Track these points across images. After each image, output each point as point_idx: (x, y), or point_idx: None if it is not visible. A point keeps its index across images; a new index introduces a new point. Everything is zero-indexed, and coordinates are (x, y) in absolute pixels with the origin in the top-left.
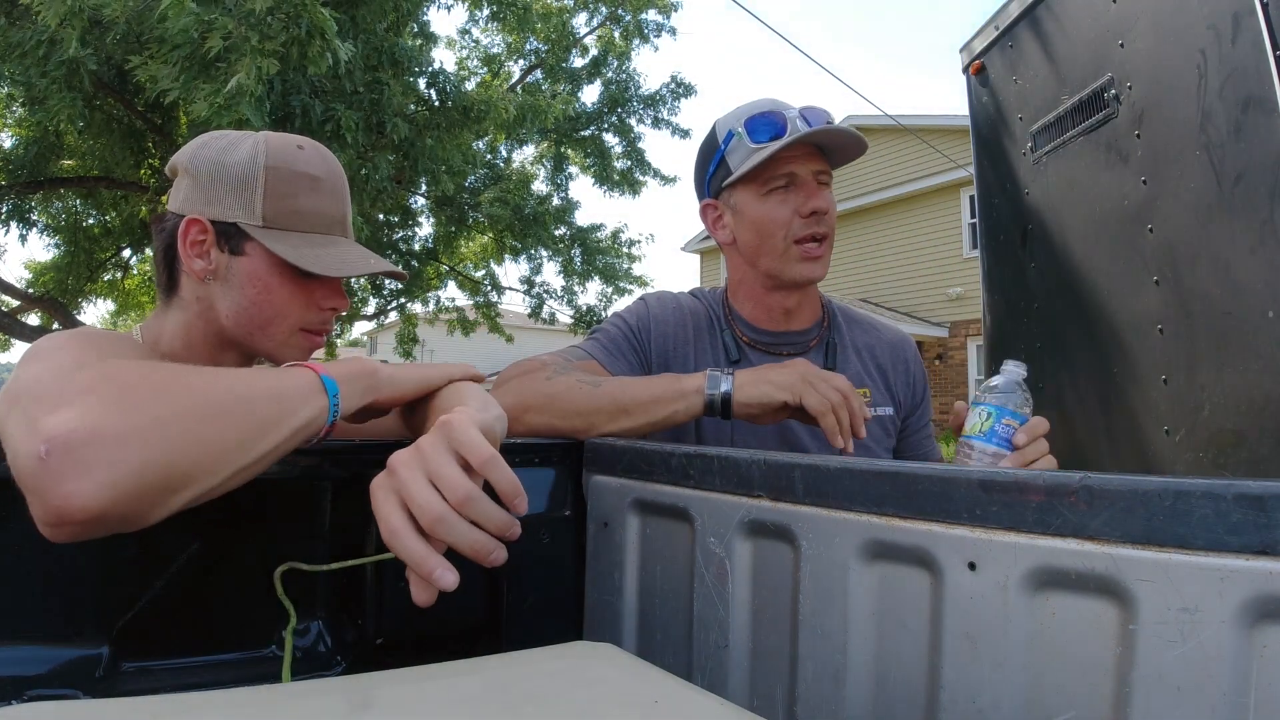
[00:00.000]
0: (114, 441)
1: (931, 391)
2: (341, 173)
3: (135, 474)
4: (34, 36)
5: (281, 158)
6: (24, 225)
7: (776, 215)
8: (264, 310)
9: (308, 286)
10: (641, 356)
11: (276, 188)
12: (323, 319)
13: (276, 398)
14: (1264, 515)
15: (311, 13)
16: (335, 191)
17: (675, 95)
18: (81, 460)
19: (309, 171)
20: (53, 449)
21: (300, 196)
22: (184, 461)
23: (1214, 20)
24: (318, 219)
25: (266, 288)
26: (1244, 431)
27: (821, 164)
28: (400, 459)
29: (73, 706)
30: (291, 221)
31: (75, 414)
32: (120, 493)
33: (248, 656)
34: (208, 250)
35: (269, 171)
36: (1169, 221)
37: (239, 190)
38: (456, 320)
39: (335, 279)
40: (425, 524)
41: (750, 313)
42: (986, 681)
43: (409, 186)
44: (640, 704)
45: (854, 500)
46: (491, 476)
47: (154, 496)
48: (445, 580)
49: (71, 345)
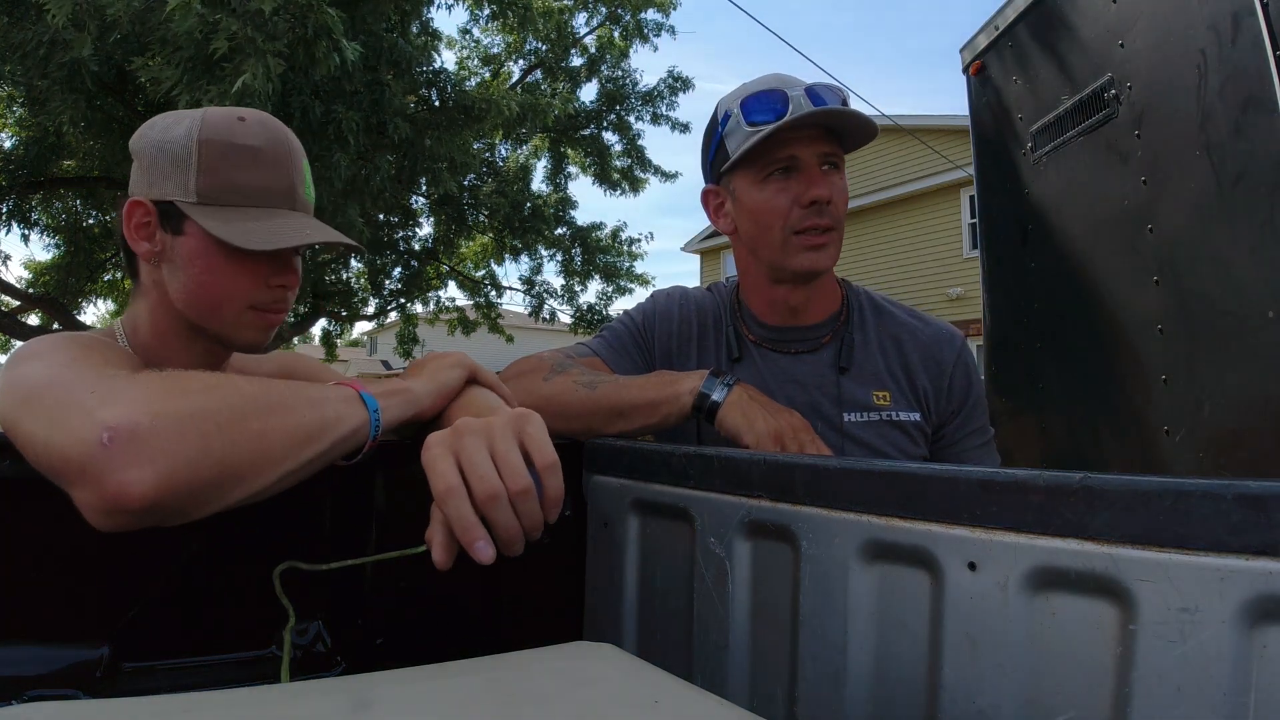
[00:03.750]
0: (175, 432)
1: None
2: (287, 142)
3: (192, 465)
4: (35, 37)
5: (217, 131)
6: (24, 225)
7: (775, 204)
8: (209, 290)
9: (252, 263)
10: (645, 353)
11: (210, 163)
12: (274, 297)
13: (319, 405)
14: (1264, 515)
15: (318, 13)
16: (278, 162)
17: (673, 90)
18: (145, 448)
19: (247, 144)
20: (116, 436)
21: (237, 170)
22: (237, 458)
23: (1214, 20)
24: (258, 192)
25: (208, 267)
26: (1244, 431)
27: (830, 146)
28: (469, 425)
29: (73, 706)
30: (228, 196)
31: (138, 405)
32: (178, 483)
33: (248, 656)
34: (153, 232)
35: (202, 146)
36: (1169, 221)
37: (176, 168)
38: (456, 320)
39: (287, 253)
40: (480, 496)
41: (757, 307)
42: (986, 682)
43: (409, 186)
44: (640, 704)
45: (854, 500)
46: (548, 481)
47: (207, 491)
48: (484, 553)
49: (68, 346)
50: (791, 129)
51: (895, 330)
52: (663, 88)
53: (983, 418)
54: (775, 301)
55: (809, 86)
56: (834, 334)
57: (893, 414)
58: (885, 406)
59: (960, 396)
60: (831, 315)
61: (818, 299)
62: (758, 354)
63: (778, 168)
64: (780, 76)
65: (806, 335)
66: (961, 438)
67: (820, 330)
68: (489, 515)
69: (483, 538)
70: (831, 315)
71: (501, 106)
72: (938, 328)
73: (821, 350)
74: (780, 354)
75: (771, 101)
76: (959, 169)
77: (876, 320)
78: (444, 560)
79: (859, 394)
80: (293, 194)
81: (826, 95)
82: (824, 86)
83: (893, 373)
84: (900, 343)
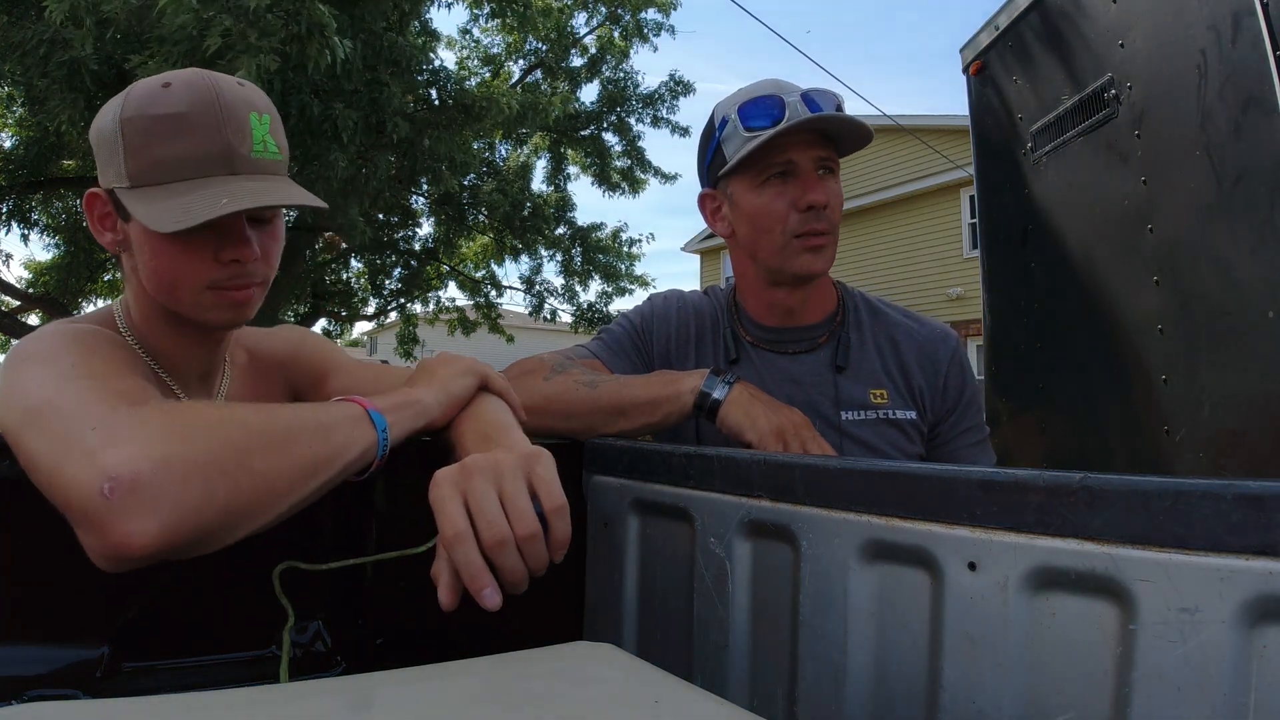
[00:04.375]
0: (179, 481)
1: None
2: (219, 99)
3: (197, 513)
4: (35, 36)
5: (139, 106)
6: (24, 225)
7: (773, 208)
8: (163, 274)
9: (196, 241)
10: (644, 355)
11: (135, 141)
12: (229, 273)
13: (326, 433)
14: (1264, 515)
15: (310, 9)
16: (211, 125)
17: (674, 93)
18: (147, 500)
19: (171, 111)
20: (117, 487)
21: (163, 143)
22: (241, 501)
23: (1214, 20)
24: (187, 163)
25: (154, 251)
26: (1244, 431)
27: (825, 150)
28: (477, 465)
29: (73, 706)
30: (156, 174)
31: (138, 450)
32: (184, 531)
33: (248, 657)
34: (113, 222)
35: (125, 125)
36: (1169, 221)
37: (111, 154)
38: (456, 320)
39: (232, 224)
40: (488, 542)
41: (754, 308)
42: (986, 681)
43: (409, 186)
44: (640, 704)
45: (854, 500)
46: (555, 524)
47: (213, 533)
48: (491, 600)
49: (69, 348)
50: (788, 134)
51: (891, 330)
52: (664, 91)
53: (977, 416)
54: (773, 303)
55: (805, 92)
56: (830, 334)
57: (890, 412)
58: (882, 405)
59: (955, 395)
60: (828, 316)
61: (814, 300)
62: (755, 355)
63: (775, 172)
64: (777, 82)
65: (803, 336)
66: (955, 435)
67: (817, 331)
68: (496, 560)
69: (490, 585)
70: (828, 316)
71: (501, 105)
72: (932, 327)
73: (818, 350)
74: (777, 354)
75: (768, 107)
76: (959, 169)
77: (872, 320)
78: (450, 602)
79: (856, 393)
80: (230, 156)
81: (822, 101)
82: (819, 91)
83: (889, 372)
84: (896, 342)
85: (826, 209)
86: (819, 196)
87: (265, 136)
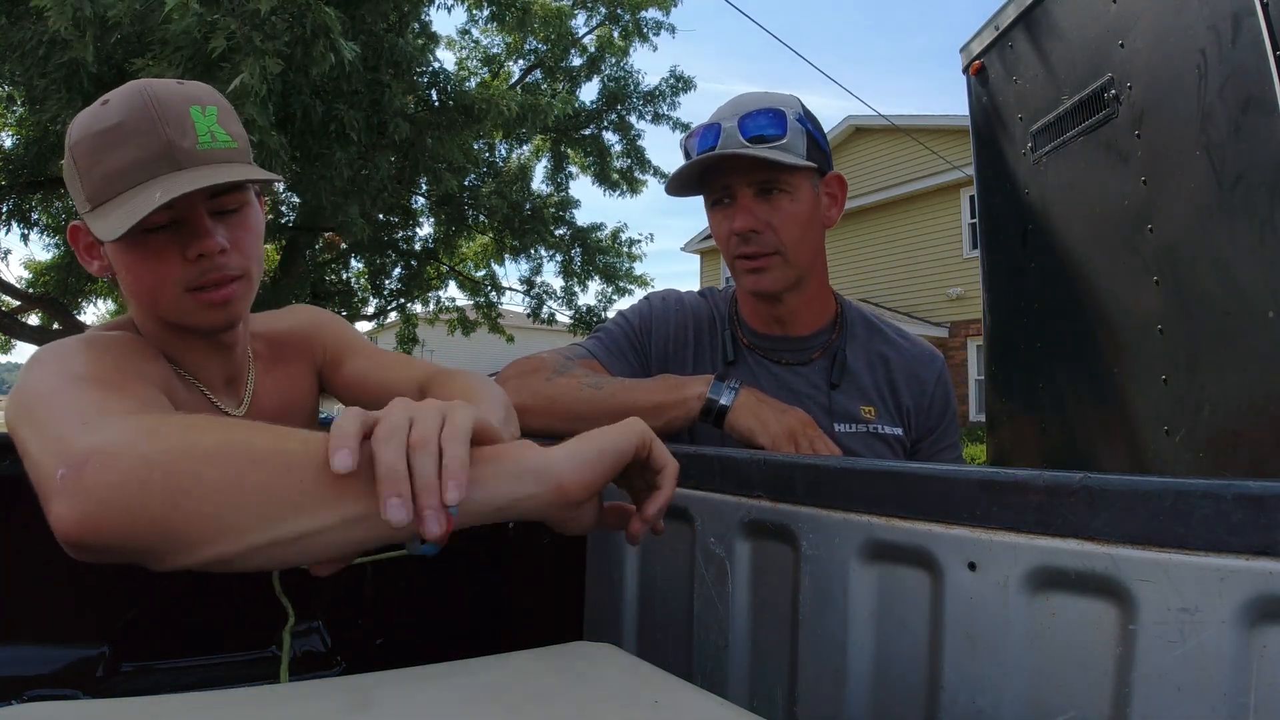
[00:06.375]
0: (117, 475)
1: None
2: (155, 102)
3: (125, 511)
4: (35, 37)
5: (82, 129)
6: (24, 225)
7: (718, 232)
8: (138, 284)
9: (157, 244)
10: (642, 356)
11: (86, 164)
12: (201, 270)
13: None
14: (1264, 515)
15: (316, 12)
16: (147, 127)
17: (675, 89)
18: (80, 488)
19: (107, 125)
20: (68, 472)
21: (108, 157)
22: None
23: (1214, 20)
24: (133, 170)
25: (126, 265)
26: (1244, 431)
27: (766, 173)
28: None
29: (73, 707)
30: (107, 188)
31: (102, 442)
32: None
33: (248, 657)
34: (98, 251)
35: (73, 150)
36: (1169, 221)
37: (73, 184)
38: (456, 320)
39: (190, 220)
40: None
41: (748, 315)
42: (986, 681)
43: (409, 186)
44: (640, 704)
45: (854, 500)
46: (447, 449)
47: (148, 540)
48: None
49: (84, 349)
50: (715, 163)
51: (883, 349)
52: (664, 87)
53: (955, 434)
54: (759, 312)
55: (744, 116)
56: (824, 349)
57: (878, 427)
58: (871, 420)
59: (939, 414)
60: (823, 328)
61: (804, 312)
62: (751, 359)
63: (714, 198)
64: (739, 101)
65: (796, 346)
66: (935, 453)
67: (810, 343)
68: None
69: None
70: (823, 328)
71: (501, 106)
72: (921, 348)
73: (812, 364)
74: (771, 362)
75: (708, 134)
76: (959, 169)
77: (868, 337)
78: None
79: (849, 407)
80: (170, 153)
81: (750, 125)
82: (756, 114)
83: (879, 389)
84: (887, 361)
85: (758, 234)
86: (741, 224)
87: (212, 127)
